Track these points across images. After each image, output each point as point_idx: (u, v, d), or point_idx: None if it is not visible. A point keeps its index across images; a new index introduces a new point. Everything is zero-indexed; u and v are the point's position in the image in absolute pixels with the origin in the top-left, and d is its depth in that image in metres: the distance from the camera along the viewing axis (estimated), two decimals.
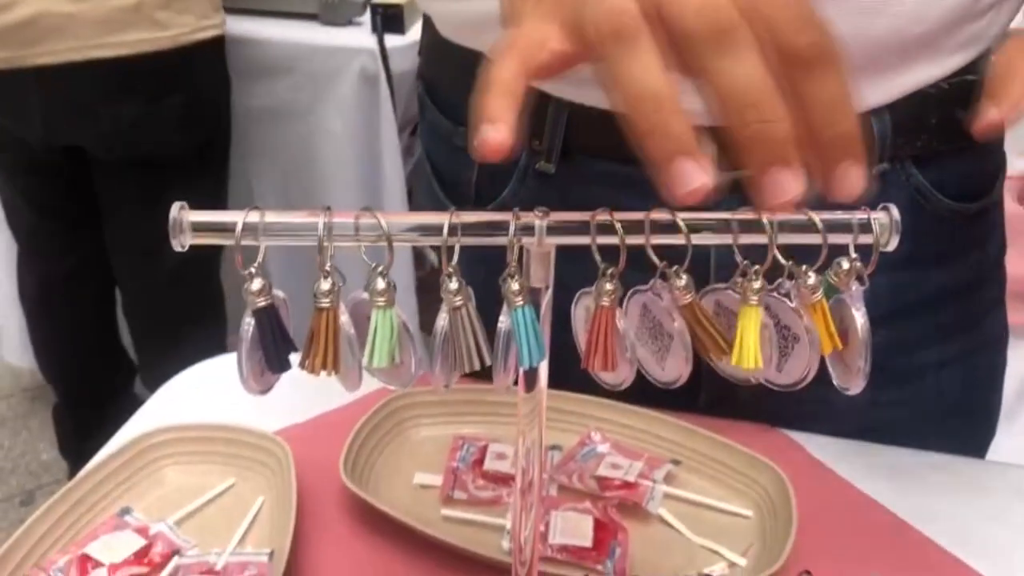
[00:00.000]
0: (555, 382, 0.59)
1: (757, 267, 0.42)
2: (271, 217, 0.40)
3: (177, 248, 0.39)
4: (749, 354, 0.42)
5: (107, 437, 0.74)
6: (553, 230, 0.41)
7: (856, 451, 0.73)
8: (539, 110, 0.73)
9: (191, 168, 1.70)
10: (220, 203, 1.81)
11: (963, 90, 0.71)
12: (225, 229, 0.39)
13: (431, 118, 0.85)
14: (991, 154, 0.79)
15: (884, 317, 0.78)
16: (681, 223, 0.41)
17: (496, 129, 0.36)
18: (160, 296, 1.81)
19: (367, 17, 1.82)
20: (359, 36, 1.82)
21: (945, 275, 0.76)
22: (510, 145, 0.36)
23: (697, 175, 0.35)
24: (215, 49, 1.68)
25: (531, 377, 0.45)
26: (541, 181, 0.76)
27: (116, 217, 1.74)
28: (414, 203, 2.03)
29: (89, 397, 1.96)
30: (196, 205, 0.40)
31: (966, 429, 0.83)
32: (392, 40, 1.79)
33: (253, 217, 0.39)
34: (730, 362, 0.43)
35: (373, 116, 1.82)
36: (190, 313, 1.83)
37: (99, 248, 1.79)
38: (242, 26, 1.83)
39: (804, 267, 0.43)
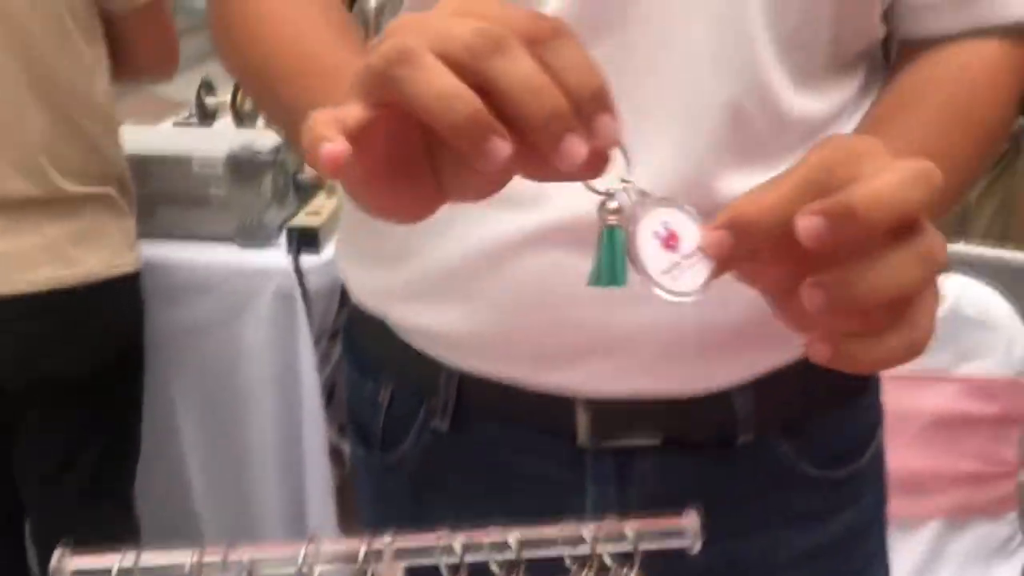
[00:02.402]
0: None
1: (586, 571, 0.48)
2: (147, 560, 0.44)
3: None
4: None
5: None
6: (401, 553, 0.46)
7: None
8: (433, 371, 0.79)
9: (98, 391, 1.71)
10: (131, 425, 1.82)
11: (819, 366, 0.77)
12: (107, 573, 0.44)
13: (348, 363, 0.91)
14: (865, 410, 0.82)
15: None
16: (512, 542, 0.46)
17: (331, 141, 0.40)
18: (70, 518, 1.78)
19: (283, 238, 1.91)
20: (275, 257, 1.89)
21: (815, 536, 0.79)
22: (347, 150, 0.39)
23: (500, 151, 0.39)
24: (127, 283, 1.73)
25: None
26: (437, 437, 0.81)
27: (22, 441, 1.72)
28: (334, 403, 2.07)
29: None
30: (104, 426, 0.43)
31: None
32: (308, 260, 1.87)
33: (128, 561, 0.44)
34: None
35: (290, 332, 1.88)
36: (103, 535, 1.80)
37: (4, 474, 1.76)
38: (162, 251, 1.89)
39: (624, 569, 0.49)
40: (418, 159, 0.45)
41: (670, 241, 0.44)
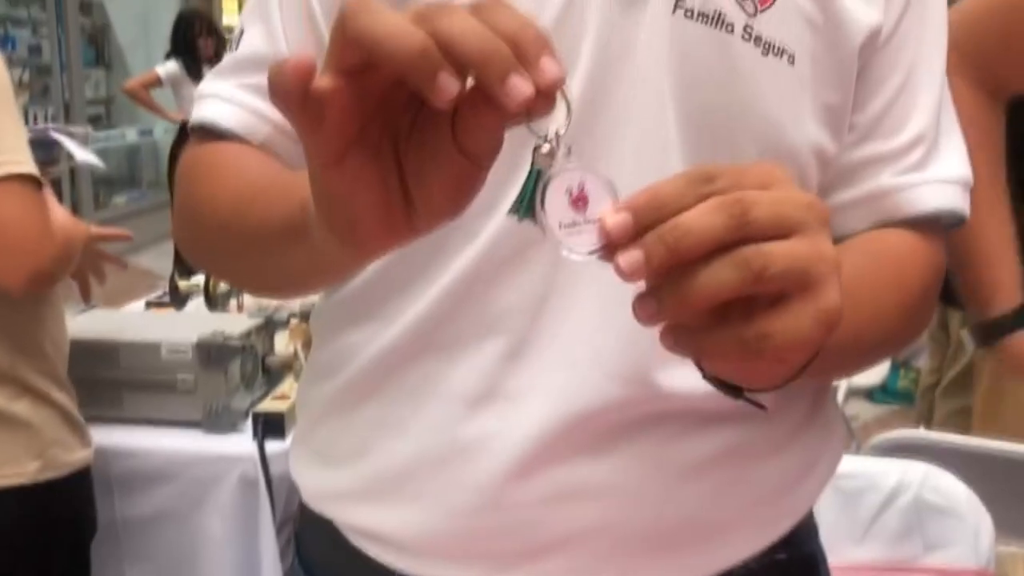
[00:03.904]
0: None
1: None
2: None
3: None
4: None
5: None
6: None
7: None
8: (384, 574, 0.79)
9: None
10: None
11: (772, 570, 0.77)
12: None
13: (297, 562, 0.90)
14: None
15: None
16: None
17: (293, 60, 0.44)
18: None
19: (249, 423, 1.90)
20: (240, 443, 1.87)
21: None
22: (313, 60, 0.44)
23: (450, 83, 0.43)
24: (20, 494, 1.54)
25: None
26: None
27: None
28: None
29: None
30: None
31: None
32: (272, 446, 1.86)
33: None
34: None
35: (252, 520, 1.85)
36: None
37: None
38: (125, 437, 1.88)
39: None
40: (386, 153, 0.49)
41: (578, 202, 0.48)
